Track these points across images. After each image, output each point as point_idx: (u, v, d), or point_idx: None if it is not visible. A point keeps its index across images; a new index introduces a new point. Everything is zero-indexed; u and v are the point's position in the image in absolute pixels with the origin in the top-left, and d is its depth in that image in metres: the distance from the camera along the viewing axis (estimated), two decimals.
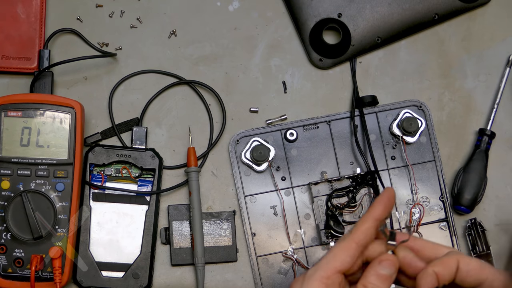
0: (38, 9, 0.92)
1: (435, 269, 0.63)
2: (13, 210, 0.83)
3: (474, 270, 0.63)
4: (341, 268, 0.63)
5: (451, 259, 0.63)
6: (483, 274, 0.63)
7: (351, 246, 0.64)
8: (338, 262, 0.63)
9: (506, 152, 0.93)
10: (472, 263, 0.63)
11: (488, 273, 0.63)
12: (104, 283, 0.87)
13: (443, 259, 0.63)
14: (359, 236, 0.64)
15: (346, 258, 0.63)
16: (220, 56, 0.94)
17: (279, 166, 0.91)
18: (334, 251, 0.64)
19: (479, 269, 0.63)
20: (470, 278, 0.63)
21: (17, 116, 0.85)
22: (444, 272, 0.63)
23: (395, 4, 0.93)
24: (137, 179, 0.90)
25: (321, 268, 0.63)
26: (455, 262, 0.63)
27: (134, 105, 0.92)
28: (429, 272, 0.63)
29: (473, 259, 0.64)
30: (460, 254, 0.64)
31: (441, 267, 0.63)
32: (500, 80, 0.94)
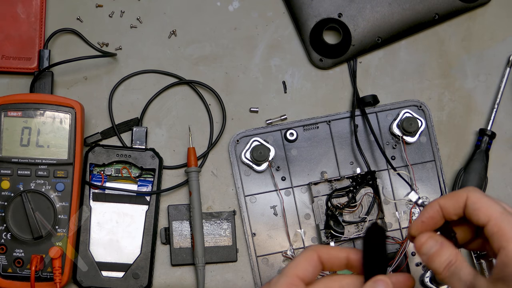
0: (38, 9, 0.92)
1: (440, 202, 0.62)
2: (13, 210, 0.83)
3: (482, 209, 0.60)
4: (303, 276, 0.64)
5: (460, 193, 0.62)
6: (490, 212, 0.60)
7: (313, 258, 0.65)
8: (300, 270, 0.64)
9: (507, 152, 0.93)
10: (482, 199, 0.61)
11: (496, 211, 0.60)
12: (104, 283, 0.87)
13: (452, 193, 0.63)
14: (324, 252, 0.65)
15: (308, 267, 0.64)
16: (220, 56, 0.94)
17: (279, 166, 0.91)
18: (298, 260, 0.65)
19: (486, 208, 0.60)
20: (477, 216, 0.61)
21: (17, 116, 0.85)
22: (449, 207, 0.62)
23: (396, 4, 0.93)
24: (137, 179, 0.90)
25: (285, 275, 0.64)
26: (464, 197, 0.62)
27: (134, 105, 0.92)
28: (433, 204, 0.62)
29: (484, 195, 0.61)
30: (472, 190, 0.62)
31: (448, 200, 0.62)
32: (500, 80, 0.94)
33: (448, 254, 0.61)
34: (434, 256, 0.62)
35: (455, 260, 0.61)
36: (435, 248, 0.62)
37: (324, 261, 0.65)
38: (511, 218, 0.59)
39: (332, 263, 0.65)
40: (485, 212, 0.60)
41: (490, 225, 0.60)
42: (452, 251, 0.61)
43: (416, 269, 0.89)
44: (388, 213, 0.90)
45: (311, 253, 0.65)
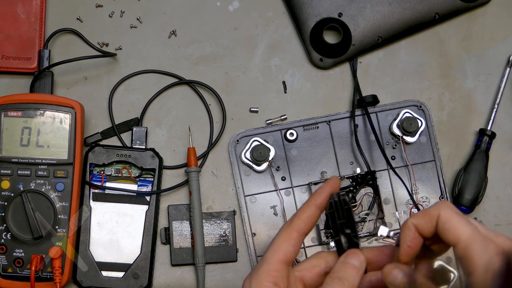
0: (38, 9, 0.92)
1: (413, 221, 0.61)
2: (13, 210, 0.83)
3: (451, 229, 0.59)
4: (285, 259, 0.63)
5: (432, 211, 0.60)
6: (459, 233, 0.58)
7: (292, 236, 0.64)
8: (281, 254, 0.63)
9: (507, 152, 0.93)
10: (452, 220, 0.59)
11: (464, 233, 0.58)
12: (104, 283, 0.87)
13: (424, 211, 0.61)
14: (300, 224, 0.64)
15: (289, 248, 0.64)
16: (220, 56, 0.94)
17: (279, 166, 0.91)
18: (276, 243, 0.64)
19: (455, 229, 0.58)
20: (446, 236, 0.59)
21: (17, 116, 0.85)
22: (423, 226, 0.60)
23: (396, 3, 0.93)
24: (137, 179, 0.90)
25: (266, 262, 0.63)
26: (436, 215, 0.60)
27: (134, 105, 0.92)
28: (408, 225, 0.61)
29: (455, 214, 0.59)
30: (444, 207, 0.60)
31: (421, 219, 0.61)
32: (500, 80, 0.94)
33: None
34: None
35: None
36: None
37: (304, 230, 0.65)
38: (479, 241, 0.57)
39: (309, 225, 0.65)
40: (454, 233, 0.58)
41: (458, 249, 0.58)
42: None
43: None
44: (388, 213, 0.90)
45: (289, 231, 0.64)
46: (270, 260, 0.64)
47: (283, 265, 0.64)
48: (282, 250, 0.64)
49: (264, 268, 0.63)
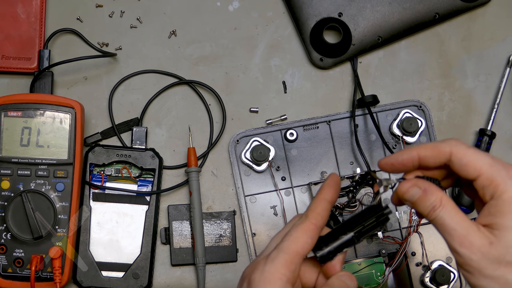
0: (38, 9, 0.92)
1: (420, 153, 0.61)
2: (13, 210, 0.83)
3: (470, 163, 0.59)
4: (303, 251, 0.62)
5: (443, 147, 0.60)
6: (480, 165, 0.58)
7: (310, 228, 0.62)
8: (299, 245, 0.62)
9: (507, 152, 0.93)
10: (468, 154, 0.59)
11: (485, 164, 0.58)
12: (104, 283, 0.87)
13: (433, 145, 0.61)
14: (317, 217, 0.63)
15: (308, 240, 0.62)
16: (220, 56, 0.94)
17: (279, 166, 0.91)
18: (295, 234, 0.62)
19: (474, 162, 0.58)
20: (465, 171, 0.59)
21: (17, 116, 0.85)
22: (429, 159, 0.60)
23: (396, 3, 0.93)
24: (137, 179, 0.90)
25: (284, 251, 0.61)
26: (447, 152, 0.60)
27: (134, 105, 0.92)
28: (411, 153, 0.61)
29: (469, 148, 0.59)
30: (455, 144, 0.60)
31: (428, 152, 0.60)
32: (500, 80, 0.94)
33: (433, 199, 0.59)
34: (417, 202, 0.60)
35: (439, 205, 0.59)
36: (418, 195, 0.60)
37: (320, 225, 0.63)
38: (501, 169, 0.58)
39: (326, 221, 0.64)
40: (474, 166, 0.58)
41: (481, 179, 0.58)
42: (436, 196, 0.60)
43: (416, 269, 0.89)
44: None
45: (307, 223, 0.63)
46: (288, 251, 0.61)
47: (300, 257, 0.62)
48: (301, 241, 0.62)
49: (282, 258, 0.61)
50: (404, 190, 0.61)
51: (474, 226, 0.58)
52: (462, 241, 0.58)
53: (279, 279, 0.61)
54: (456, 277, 0.89)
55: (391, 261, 0.87)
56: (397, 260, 0.87)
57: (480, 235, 0.57)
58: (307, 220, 0.63)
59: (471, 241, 0.57)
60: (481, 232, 0.58)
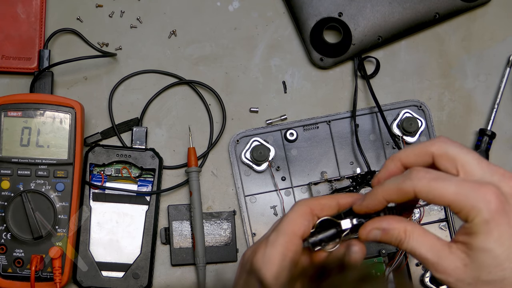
0: (38, 9, 0.92)
1: (384, 196, 0.60)
2: (13, 210, 0.83)
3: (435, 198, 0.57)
4: (300, 232, 0.63)
5: (407, 185, 0.59)
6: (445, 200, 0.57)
7: (306, 211, 0.64)
8: (296, 226, 0.63)
9: (507, 152, 0.93)
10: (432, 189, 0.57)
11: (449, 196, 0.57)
12: (104, 283, 0.87)
13: (396, 184, 0.59)
14: (316, 205, 0.64)
15: (304, 222, 0.63)
16: (220, 56, 0.94)
17: (279, 166, 0.91)
18: (292, 216, 0.63)
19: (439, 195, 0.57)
20: (436, 203, 0.58)
21: (17, 116, 0.85)
22: (394, 199, 0.60)
23: (396, 3, 0.93)
24: (137, 179, 0.90)
25: (284, 233, 0.62)
26: (411, 191, 0.58)
27: (134, 105, 0.92)
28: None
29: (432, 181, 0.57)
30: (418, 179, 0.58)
31: (391, 193, 0.60)
32: (500, 80, 0.94)
33: (396, 234, 0.60)
34: (382, 240, 0.61)
35: (404, 237, 0.59)
36: (379, 236, 0.61)
37: (318, 212, 0.64)
38: (468, 192, 0.56)
39: (325, 213, 0.65)
40: (441, 200, 0.57)
41: (452, 208, 0.57)
42: (398, 230, 0.60)
43: (416, 269, 0.89)
44: None
45: (303, 207, 0.64)
46: (286, 231, 0.62)
47: (298, 238, 0.63)
48: (297, 223, 0.63)
49: (281, 240, 0.62)
50: (365, 236, 0.62)
51: (446, 249, 0.58)
52: (436, 267, 0.58)
53: (281, 260, 0.62)
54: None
55: (391, 261, 0.87)
56: (397, 260, 0.87)
57: (452, 258, 0.58)
58: (305, 205, 0.64)
59: (444, 266, 0.58)
60: (453, 255, 0.58)
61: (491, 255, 0.56)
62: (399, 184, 0.59)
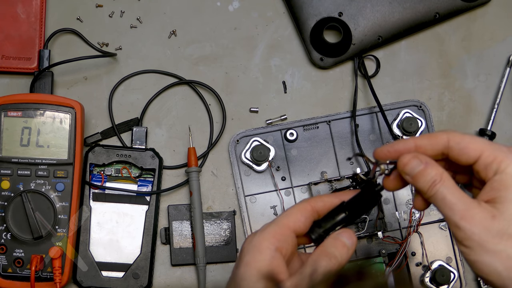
0: (38, 9, 0.92)
1: (417, 142, 0.61)
2: (13, 210, 0.83)
3: (470, 145, 0.59)
4: (294, 227, 0.63)
5: (439, 135, 0.60)
6: (477, 149, 0.58)
7: (306, 208, 0.64)
8: (291, 219, 0.63)
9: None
10: (465, 139, 0.59)
11: (485, 144, 0.58)
12: (104, 283, 0.87)
13: (429, 134, 0.61)
14: (318, 202, 0.64)
15: (300, 217, 0.63)
16: (220, 56, 0.94)
17: (279, 166, 0.91)
18: (289, 211, 0.64)
19: (474, 143, 0.59)
20: (465, 154, 0.59)
21: (17, 116, 0.85)
22: (427, 148, 0.60)
23: (396, 3, 0.93)
24: (137, 179, 0.90)
25: (275, 223, 0.63)
26: (443, 139, 0.60)
27: (134, 105, 0.92)
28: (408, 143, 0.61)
29: (465, 134, 0.60)
30: (451, 132, 0.60)
31: (425, 141, 0.60)
32: (500, 80, 0.94)
33: (434, 174, 0.59)
34: (417, 176, 0.60)
35: (440, 180, 0.59)
36: (419, 168, 0.60)
37: (319, 209, 0.65)
38: (501, 146, 0.58)
39: (327, 211, 0.65)
40: (474, 147, 0.58)
41: (483, 158, 0.58)
42: (437, 170, 0.59)
43: (416, 269, 0.89)
44: (388, 213, 0.90)
45: (304, 204, 0.64)
46: (279, 223, 0.63)
47: (290, 231, 0.63)
48: (293, 217, 0.63)
49: (271, 229, 0.62)
50: (406, 162, 0.61)
51: (475, 202, 0.58)
52: (464, 214, 0.57)
53: (267, 247, 0.62)
54: (456, 277, 0.89)
55: (391, 261, 0.87)
56: (397, 260, 0.87)
57: (481, 209, 0.57)
58: (307, 202, 0.65)
59: (472, 214, 0.57)
60: (482, 207, 0.57)
61: None
62: (433, 133, 0.61)
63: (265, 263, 0.61)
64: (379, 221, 0.89)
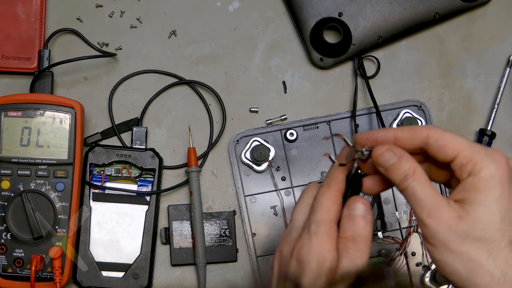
0: (38, 9, 0.92)
1: (396, 133, 0.60)
2: (13, 210, 0.83)
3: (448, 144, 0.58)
4: (336, 220, 0.61)
5: (420, 129, 0.60)
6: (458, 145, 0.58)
7: (336, 196, 0.62)
8: (333, 214, 0.61)
9: (507, 152, 0.92)
10: (445, 136, 0.58)
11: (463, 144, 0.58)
12: (104, 283, 0.87)
13: (409, 127, 0.60)
14: (339, 184, 0.62)
15: (337, 208, 0.61)
16: (220, 56, 0.94)
17: (279, 166, 0.91)
18: (326, 205, 0.62)
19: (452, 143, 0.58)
20: (443, 152, 0.58)
21: (17, 116, 0.85)
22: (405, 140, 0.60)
23: (396, 3, 0.93)
24: (137, 179, 0.90)
25: (323, 223, 0.61)
26: (423, 134, 0.59)
27: (134, 105, 0.92)
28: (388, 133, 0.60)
29: (446, 132, 0.59)
30: (432, 127, 0.59)
31: (405, 133, 0.60)
32: (500, 80, 0.94)
33: (407, 167, 0.59)
34: (390, 168, 0.59)
35: (412, 174, 0.58)
36: (392, 160, 0.59)
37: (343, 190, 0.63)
38: (479, 148, 0.58)
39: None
40: (452, 146, 0.58)
41: (459, 158, 0.57)
42: (410, 164, 0.59)
43: (416, 269, 0.89)
44: (388, 213, 0.90)
45: (333, 193, 0.62)
46: (326, 222, 0.61)
47: (336, 226, 0.61)
48: (333, 210, 0.61)
49: (324, 230, 0.60)
50: (379, 153, 0.60)
51: (445, 200, 0.57)
52: (431, 212, 0.57)
53: (328, 250, 0.60)
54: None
55: (391, 261, 0.87)
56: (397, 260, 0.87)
57: (449, 209, 0.57)
58: (331, 189, 0.62)
59: (439, 213, 0.57)
60: (451, 206, 0.57)
61: (489, 211, 0.56)
62: (414, 126, 0.60)
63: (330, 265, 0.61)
64: (379, 221, 0.89)
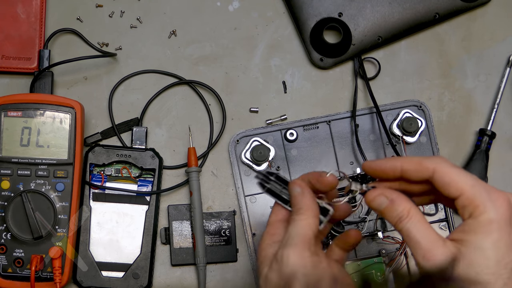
0: (38, 9, 0.92)
1: (404, 165, 0.61)
2: (13, 210, 0.83)
3: (453, 183, 0.59)
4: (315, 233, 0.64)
5: (427, 164, 0.60)
6: (462, 185, 0.58)
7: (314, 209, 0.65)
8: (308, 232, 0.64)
9: (507, 152, 0.93)
10: (452, 173, 0.59)
11: (467, 184, 0.58)
12: (104, 283, 0.87)
13: (418, 160, 0.61)
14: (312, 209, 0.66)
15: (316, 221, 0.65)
16: (220, 56, 0.94)
17: (279, 166, 0.91)
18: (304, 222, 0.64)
19: (457, 182, 0.59)
20: (447, 189, 0.59)
21: (17, 116, 0.85)
22: (412, 173, 0.61)
23: (396, 3, 0.93)
24: (137, 179, 0.90)
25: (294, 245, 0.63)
26: (430, 169, 0.60)
27: (134, 105, 0.92)
28: (395, 164, 0.62)
29: (453, 168, 0.60)
30: (440, 161, 0.60)
31: (412, 166, 0.61)
32: (500, 80, 0.94)
33: (400, 210, 0.60)
34: (384, 212, 0.61)
35: (406, 216, 0.59)
36: (384, 204, 0.61)
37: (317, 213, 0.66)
38: (482, 191, 0.58)
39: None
40: (456, 186, 0.58)
41: (461, 199, 0.58)
42: (404, 207, 0.60)
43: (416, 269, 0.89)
44: None
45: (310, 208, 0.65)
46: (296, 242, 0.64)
47: (310, 244, 0.64)
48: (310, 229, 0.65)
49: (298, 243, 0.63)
50: (371, 198, 0.63)
51: (440, 241, 0.58)
52: (425, 253, 0.58)
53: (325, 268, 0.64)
54: None
55: (391, 261, 0.87)
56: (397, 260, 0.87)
57: (444, 250, 0.57)
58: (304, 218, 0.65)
59: (434, 254, 0.57)
60: (446, 248, 0.58)
61: (484, 256, 0.56)
62: (422, 158, 0.61)
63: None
64: (379, 221, 0.89)
